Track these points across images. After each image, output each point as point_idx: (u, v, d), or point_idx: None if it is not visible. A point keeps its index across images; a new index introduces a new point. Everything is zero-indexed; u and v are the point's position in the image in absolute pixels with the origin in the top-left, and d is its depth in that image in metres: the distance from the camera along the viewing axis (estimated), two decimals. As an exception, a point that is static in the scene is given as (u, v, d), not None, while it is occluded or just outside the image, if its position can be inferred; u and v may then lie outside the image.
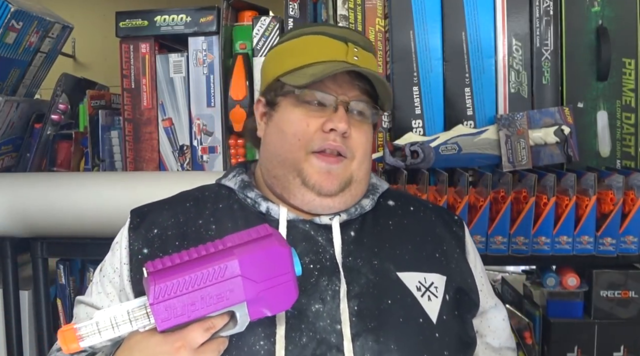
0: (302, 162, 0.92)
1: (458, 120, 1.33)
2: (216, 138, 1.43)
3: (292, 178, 0.93)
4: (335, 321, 0.85)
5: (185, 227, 0.94)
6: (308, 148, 0.92)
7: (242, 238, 0.77)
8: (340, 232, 0.93)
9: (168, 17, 1.43)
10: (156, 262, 0.75)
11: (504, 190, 1.24)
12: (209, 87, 1.43)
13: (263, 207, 0.94)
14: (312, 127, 0.92)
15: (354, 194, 0.95)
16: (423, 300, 0.90)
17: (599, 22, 1.32)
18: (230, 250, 0.76)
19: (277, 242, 0.77)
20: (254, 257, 0.76)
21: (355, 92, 0.93)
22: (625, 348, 1.29)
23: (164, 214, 0.96)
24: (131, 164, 1.47)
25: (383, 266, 0.91)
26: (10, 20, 1.34)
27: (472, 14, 1.32)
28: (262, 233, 0.78)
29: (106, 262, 0.97)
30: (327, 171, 0.92)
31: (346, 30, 0.99)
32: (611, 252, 1.23)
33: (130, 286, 0.92)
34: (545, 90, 1.33)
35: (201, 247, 0.77)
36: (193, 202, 0.97)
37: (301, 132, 0.92)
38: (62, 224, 1.35)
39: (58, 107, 1.55)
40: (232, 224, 0.93)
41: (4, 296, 1.43)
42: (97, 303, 0.95)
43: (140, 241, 0.93)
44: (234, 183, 0.98)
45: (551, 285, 1.32)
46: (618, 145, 1.33)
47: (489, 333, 1.01)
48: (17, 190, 1.36)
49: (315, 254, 0.90)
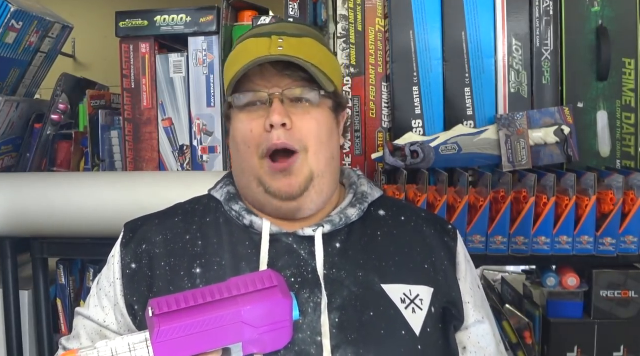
0: (259, 168, 0.91)
1: (458, 120, 1.33)
2: (216, 138, 1.43)
3: (256, 187, 0.92)
4: (315, 334, 0.85)
5: (172, 243, 0.94)
6: (259, 153, 0.90)
7: (247, 287, 0.79)
8: (323, 244, 0.91)
9: (168, 17, 1.43)
10: (162, 302, 0.77)
11: (504, 190, 1.24)
12: (209, 87, 1.43)
13: (247, 220, 0.93)
14: (256, 131, 0.90)
15: (319, 190, 0.92)
16: (407, 312, 0.89)
17: (599, 22, 1.32)
18: (235, 300, 0.78)
19: (280, 294, 0.79)
20: (258, 308, 0.78)
21: (286, 81, 0.90)
22: (625, 348, 1.29)
23: (153, 230, 0.96)
24: (131, 164, 1.47)
25: (367, 278, 0.90)
26: (10, 20, 1.34)
27: (472, 14, 1.32)
28: (267, 284, 0.79)
29: (102, 276, 0.98)
30: (283, 176, 0.90)
31: (276, 25, 0.97)
32: (611, 252, 1.23)
33: (124, 301, 0.92)
34: (545, 90, 1.33)
35: (206, 291, 0.78)
36: (182, 216, 0.97)
37: (248, 139, 0.90)
38: (62, 224, 1.35)
39: (58, 107, 1.55)
40: (217, 239, 0.93)
41: (4, 296, 1.43)
42: (94, 317, 0.95)
43: (130, 256, 0.94)
44: (220, 195, 0.98)
45: (551, 285, 1.32)
46: (618, 145, 1.33)
47: (473, 348, 0.96)
48: (17, 190, 1.36)
49: (297, 267, 0.90)
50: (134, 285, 0.92)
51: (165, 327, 0.75)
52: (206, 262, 0.91)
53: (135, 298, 0.92)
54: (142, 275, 0.92)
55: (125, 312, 0.93)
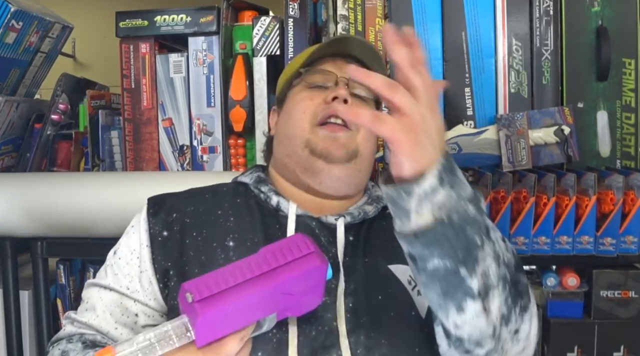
0: (309, 133, 0.96)
1: (458, 120, 1.33)
2: (216, 138, 1.44)
3: (301, 150, 0.96)
4: (333, 318, 0.87)
5: (204, 215, 0.96)
6: (314, 121, 0.96)
7: (285, 256, 0.78)
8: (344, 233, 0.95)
9: (168, 17, 1.43)
10: (200, 285, 0.74)
11: (504, 190, 1.24)
12: (209, 87, 1.43)
13: (274, 200, 0.96)
14: (316, 100, 0.97)
15: (359, 169, 0.98)
16: (414, 294, 0.91)
17: (599, 22, 1.32)
18: (274, 273, 0.76)
19: (319, 260, 0.78)
20: (297, 276, 0.77)
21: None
22: (625, 348, 1.28)
23: (183, 201, 0.98)
24: (131, 164, 1.47)
25: (373, 260, 0.93)
26: (10, 20, 1.34)
27: (472, 14, 1.32)
28: (304, 250, 0.78)
29: (121, 245, 0.98)
30: (333, 138, 0.95)
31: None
32: (611, 252, 1.23)
33: (153, 268, 0.93)
34: (545, 90, 1.33)
35: (244, 266, 0.76)
36: (211, 194, 1.00)
37: (307, 105, 0.97)
38: (62, 224, 1.35)
39: (58, 107, 1.55)
40: (249, 219, 0.95)
41: (4, 296, 1.43)
42: (114, 285, 0.95)
43: (161, 224, 0.95)
44: (250, 179, 1.01)
45: (551, 285, 1.32)
46: (618, 145, 1.33)
47: None
48: (17, 190, 1.36)
49: None
50: (167, 251, 0.93)
51: (210, 313, 0.73)
52: (239, 237, 0.93)
53: (169, 263, 0.92)
54: (174, 241, 0.93)
55: (154, 280, 0.93)
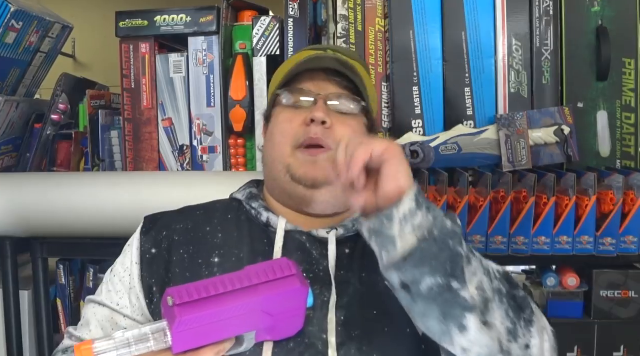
0: (289, 157, 0.95)
1: (458, 120, 1.33)
2: (216, 138, 1.43)
3: (283, 175, 0.95)
4: (322, 331, 0.87)
5: (192, 232, 0.97)
6: (293, 144, 0.95)
7: (267, 275, 0.79)
8: (335, 246, 0.94)
9: (168, 17, 1.43)
10: (181, 291, 0.76)
11: (504, 190, 1.24)
12: (209, 87, 1.43)
13: (264, 216, 0.97)
14: (295, 123, 0.95)
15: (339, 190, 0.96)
16: None
17: (599, 22, 1.32)
18: (255, 289, 0.78)
19: (299, 283, 0.79)
20: (277, 297, 0.78)
21: (333, 88, 0.97)
22: (625, 348, 1.28)
23: (174, 219, 1.00)
24: (131, 164, 1.47)
25: (371, 277, 0.92)
26: (10, 20, 1.34)
27: (472, 14, 1.32)
28: (286, 272, 0.79)
29: (117, 264, 1.01)
30: (312, 162, 0.94)
31: (334, 46, 1.04)
32: (611, 251, 1.23)
33: (141, 285, 0.95)
34: (545, 90, 1.33)
35: (226, 279, 0.78)
36: (204, 211, 1.01)
37: (287, 129, 0.96)
38: (62, 224, 1.35)
39: (58, 107, 1.55)
40: (237, 234, 0.96)
41: (4, 296, 1.43)
42: (106, 301, 0.97)
43: (151, 242, 0.97)
44: (242, 195, 1.02)
45: (551, 285, 1.32)
46: (618, 145, 1.33)
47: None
48: (17, 190, 1.36)
49: (309, 264, 0.92)
50: (153, 268, 0.95)
51: (187, 317, 0.74)
52: (225, 253, 0.94)
53: (154, 280, 0.94)
54: (161, 258, 0.95)
55: (141, 296, 0.95)
